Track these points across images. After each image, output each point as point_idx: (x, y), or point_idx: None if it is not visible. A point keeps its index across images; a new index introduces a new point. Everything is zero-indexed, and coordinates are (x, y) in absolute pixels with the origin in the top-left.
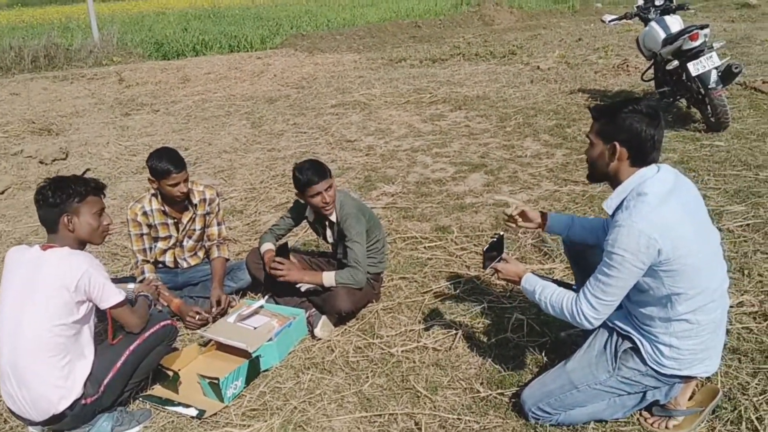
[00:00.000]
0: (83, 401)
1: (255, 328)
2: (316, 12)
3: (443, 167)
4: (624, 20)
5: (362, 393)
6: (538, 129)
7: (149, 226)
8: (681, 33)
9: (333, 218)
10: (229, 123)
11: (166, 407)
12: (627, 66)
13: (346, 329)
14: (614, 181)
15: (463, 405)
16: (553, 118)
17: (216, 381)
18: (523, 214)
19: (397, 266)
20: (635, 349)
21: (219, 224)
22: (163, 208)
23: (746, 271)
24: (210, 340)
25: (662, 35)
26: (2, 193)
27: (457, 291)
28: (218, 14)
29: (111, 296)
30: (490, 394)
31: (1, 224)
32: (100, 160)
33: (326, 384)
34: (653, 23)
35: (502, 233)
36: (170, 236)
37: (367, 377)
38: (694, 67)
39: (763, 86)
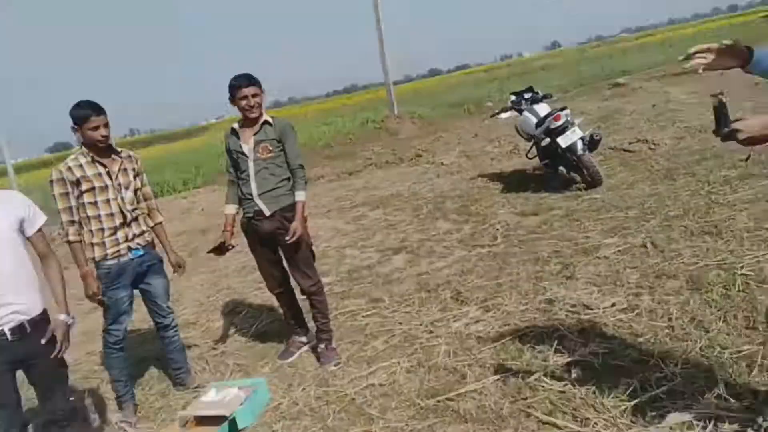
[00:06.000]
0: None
1: (226, 400)
2: None
3: (370, 255)
4: (503, 113)
5: (327, 426)
6: (447, 211)
7: (76, 182)
8: (547, 116)
9: (268, 119)
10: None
11: None
12: (517, 150)
13: (304, 387)
14: None
15: (408, 416)
16: (458, 201)
17: None
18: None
19: (342, 335)
20: None
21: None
22: (90, 158)
23: (618, 282)
24: (189, 419)
25: (534, 120)
26: None
27: (394, 341)
28: None
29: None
30: (429, 404)
31: None
32: None
33: (297, 427)
34: (526, 112)
35: (719, 96)
36: (106, 186)
37: (329, 414)
38: (563, 141)
39: (630, 146)
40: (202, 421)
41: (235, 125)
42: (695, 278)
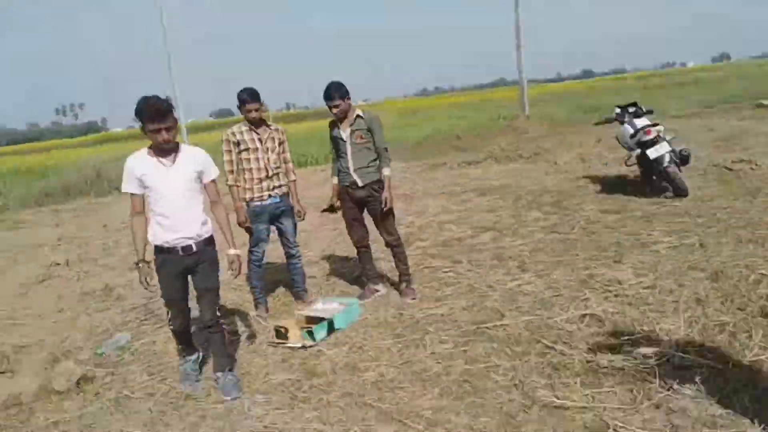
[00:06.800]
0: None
1: (329, 309)
2: None
3: (464, 230)
4: (607, 123)
5: (395, 333)
6: (542, 203)
7: (237, 143)
8: (640, 129)
9: (360, 113)
10: None
11: (282, 346)
12: (629, 158)
13: (386, 310)
14: None
15: (453, 333)
16: (555, 196)
17: (310, 329)
18: None
19: (422, 281)
20: None
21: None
22: (248, 128)
23: (654, 269)
24: (301, 318)
25: (631, 131)
26: None
27: (461, 290)
28: None
29: None
30: (470, 328)
31: None
32: None
33: (374, 332)
34: (626, 124)
35: None
36: (257, 148)
37: (398, 327)
38: (651, 152)
39: (731, 165)
40: (310, 320)
41: (335, 119)
42: (719, 272)
